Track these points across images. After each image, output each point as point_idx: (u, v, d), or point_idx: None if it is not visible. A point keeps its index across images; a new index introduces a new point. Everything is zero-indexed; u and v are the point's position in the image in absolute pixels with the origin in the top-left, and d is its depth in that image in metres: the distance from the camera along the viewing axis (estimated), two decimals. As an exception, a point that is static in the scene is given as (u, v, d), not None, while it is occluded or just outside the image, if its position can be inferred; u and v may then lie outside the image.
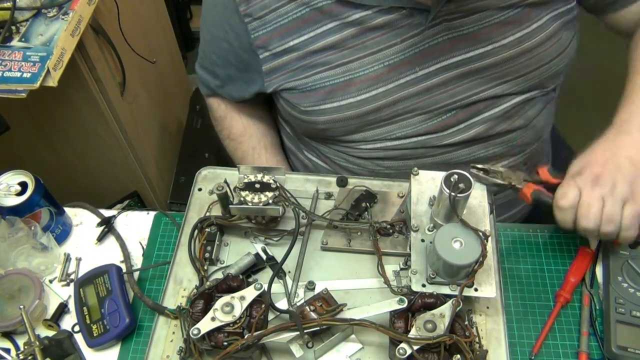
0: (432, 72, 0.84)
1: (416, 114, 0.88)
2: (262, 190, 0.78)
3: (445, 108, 0.87)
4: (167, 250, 0.89)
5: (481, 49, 0.83)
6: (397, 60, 0.84)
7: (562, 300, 0.81)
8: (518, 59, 0.84)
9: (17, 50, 0.99)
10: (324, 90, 0.86)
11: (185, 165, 1.70)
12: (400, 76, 0.84)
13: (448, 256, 0.68)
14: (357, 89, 0.85)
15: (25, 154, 1.40)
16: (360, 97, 0.86)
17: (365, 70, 0.84)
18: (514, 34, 0.83)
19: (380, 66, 0.84)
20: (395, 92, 0.85)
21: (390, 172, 0.95)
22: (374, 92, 0.85)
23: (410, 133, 0.90)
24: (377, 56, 0.83)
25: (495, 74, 0.85)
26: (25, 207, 0.83)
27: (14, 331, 0.81)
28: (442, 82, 0.85)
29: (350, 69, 0.85)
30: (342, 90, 0.86)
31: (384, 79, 0.84)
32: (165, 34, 1.73)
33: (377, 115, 0.87)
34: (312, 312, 0.72)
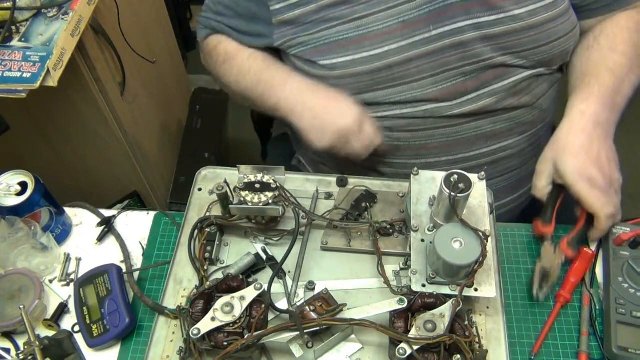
0: (445, 33, 0.84)
1: (427, 75, 0.87)
2: (262, 190, 0.78)
3: (455, 71, 0.87)
4: (167, 250, 0.89)
5: (493, 16, 0.84)
6: (412, 17, 0.84)
7: (562, 301, 0.81)
8: (528, 31, 0.85)
9: (17, 50, 0.99)
10: (337, 44, 0.86)
11: (185, 165, 1.70)
12: (414, 34, 0.84)
13: (448, 256, 0.68)
14: (370, 44, 0.85)
15: (25, 154, 1.40)
16: (373, 51, 0.85)
17: (380, 25, 0.84)
18: (527, 6, 0.84)
19: (394, 22, 0.84)
20: (408, 49, 0.85)
21: (400, 144, 0.94)
22: (387, 48, 0.85)
23: (420, 96, 0.89)
24: (392, 12, 0.83)
25: (506, 43, 0.86)
26: (25, 207, 0.83)
27: (14, 331, 0.81)
28: (454, 44, 0.85)
29: (364, 24, 0.84)
30: (356, 44, 0.85)
31: (397, 35, 0.84)
32: (165, 34, 1.74)
33: (388, 73, 0.86)
34: (312, 312, 0.72)
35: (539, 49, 0.87)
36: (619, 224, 0.86)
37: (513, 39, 0.85)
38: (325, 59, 0.87)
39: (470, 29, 0.84)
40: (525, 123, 0.95)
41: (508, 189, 1.01)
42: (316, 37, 0.87)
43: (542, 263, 0.82)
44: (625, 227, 0.86)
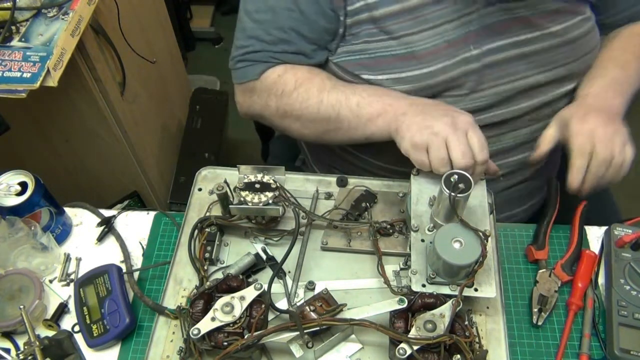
0: (485, 52, 0.85)
1: (463, 93, 0.87)
2: (262, 190, 0.78)
3: (490, 90, 0.88)
4: (167, 250, 0.89)
5: (530, 34, 0.85)
6: (455, 36, 0.84)
7: (574, 308, 0.81)
8: (562, 47, 0.87)
9: (17, 50, 0.99)
10: (384, 59, 0.85)
11: (185, 165, 1.70)
12: (457, 53, 0.84)
13: (448, 256, 0.68)
14: (418, 62, 0.84)
15: (25, 154, 1.40)
16: (419, 70, 0.84)
17: (426, 43, 0.84)
18: (562, 23, 0.85)
19: (440, 41, 0.84)
20: (451, 69, 0.85)
21: None
22: (433, 68, 0.84)
23: None
24: (437, 30, 0.83)
25: (540, 60, 0.87)
26: (25, 207, 0.83)
27: (14, 331, 0.81)
28: (491, 63, 0.86)
29: (411, 41, 0.84)
30: (403, 62, 0.84)
31: (443, 54, 0.84)
32: (165, 34, 1.73)
33: (430, 91, 0.86)
34: (312, 312, 0.72)
35: (570, 64, 0.89)
36: (620, 225, 0.86)
37: (548, 55, 0.87)
38: (370, 74, 0.85)
39: (508, 47, 0.85)
40: None
41: (519, 200, 1.02)
42: (362, 48, 0.85)
43: (538, 288, 0.82)
44: (626, 229, 0.86)
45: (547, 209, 0.90)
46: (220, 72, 2.29)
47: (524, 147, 0.94)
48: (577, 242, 0.86)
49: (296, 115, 0.89)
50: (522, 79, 0.88)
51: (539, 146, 0.86)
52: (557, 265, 0.84)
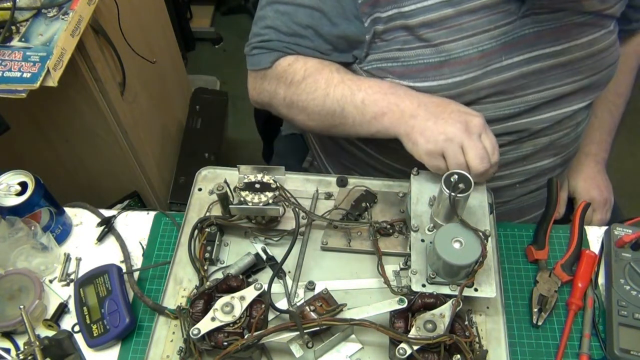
0: (515, 64, 0.85)
1: (490, 101, 0.87)
2: (262, 190, 0.78)
3: (516, 100, 0.88)
4: (167, 250, 0.89)
5: (559, 46, 0.85)
6: (489, 46, 0.84)
7: (574, 308, 0.81)
8: (587, 59, 0.88)
9: (17, 50, 0.99)
10: (417, 68, 0.84)
11: (185, 165, 1.70)
12: (488, 63, 0.84)
13: (448, 256, 0.68)
14: (450, 71, 0.84)
15: (25, 154, 1.40)
16: (451, 79, 0.84)
17: (460, 52, 0.83)
18: (588, 35, 0.86)
19: (473, 50, 0.83)
20: (481, 78, 0.85)
21: None
22: (465, 77, 0.84)
23: None
24: (472, 40, 0.83)
25: (566, 71, 0.87)
26: (25, 207, 0.83)
27: (14, 331, 0.81)
28: (521, 74, 0.86)
29: (445, 50, 0.83)
30: (436, 71, 0.84)
31: (475, 64, 0.84)
32: (165, 34, 1.74)
33: (460, 100, 0.85)
34: (312, 312, 0.72)
35: (593, 76, 0.90)
36: (620, 225, 0.86)
37: (574, 66, 0.87)
38: (400, 81, 0.85)
39: (538, 59, 0.85)
40: (562, 145, 0.96)
41: (534, 206, 1.02)
42: (396, 55, 0.84)
43: (538, 288, 0.82)
44: (626, 229, 0.86)
45: (547, 209, 0.90)
46: (220, 72, 2.29)
47: (541, 154, 0.94)
48: (577, 242, 0.86)
49: (302, 106, 0.88)
50: (548, 90, 0.88)
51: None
52: (557, 265, 0.84)
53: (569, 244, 0.87)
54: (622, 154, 2.02)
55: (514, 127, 0.90)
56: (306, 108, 0.88)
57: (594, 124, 1.08)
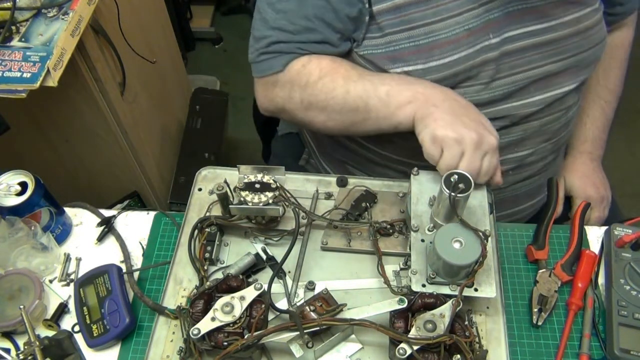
0: (502, 41, 0.85)
1: (480, 82, 0.87)
2: (262, 190, 0.78)
3: (505, 80, 0.88)
4: (167, 250, 0.89)
5: (545, 23, 0.86)
6: (475, 25, 0.84)
7: (574, 308, 0.81)
8: (573, 37, 0.88)
9: (17, 50, 0.99)
10: (408, 50, 0.85)
11: (185, 165, 1.70)
12: (477, 42, 0.85)
13: (448, 256, 0.68)
14: (440, 52, 0.84)
15: (25, 154, 1.40)
16: (442, 60, 0.84)
17: (448, 32, 0.84)
18: (574, 13, 0.87)
19: (460, 29, 0.84)
20: (472, 57, 0.85)
21: None
22: (456, 56, 0.84)
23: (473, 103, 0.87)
24: (458, 19, 0.84)
25: (553, 50, 0.88)
26: (25, 207, 0.83)
27: (14, 331, 0.81)
28: (508, 52, 0.86)
29: (433, 30, 0.84)
30: (427, 53, 0.84)
31: (464, 43, 0.84)
32: (165, 34, 1.74)
33: (451, 81, 0.86)
34: (312, 312, 0.72)
35: (580, 54, 0.90)
36: (620, 225, 0.86)
37: (560, 45, 0.88)
38: (396, 67, 0.85)
39: (524, 36, 0.86)
40: (553, 131, 0.96)
41: (528, 195, 1.02)
42: (388, 40, 0.85)
43: (538, 288, 0.82)
44: (626, 229, 0.86)
45: (547, 209, 0.90)
46: (220, 72, 2.30)
47: (532, 140, 0.95)
48: (577, 242, 0.86)
49: (322, 106, 0.86)
50: (536, 68, 0.88)
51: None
52: (557, 265, 0.84)
53: (569, 244, 0.87)
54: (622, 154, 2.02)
55: (505, 110, 0.90)
56: (326, 108, 0.86)
57: (586, 122, 1.10)
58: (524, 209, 1.04)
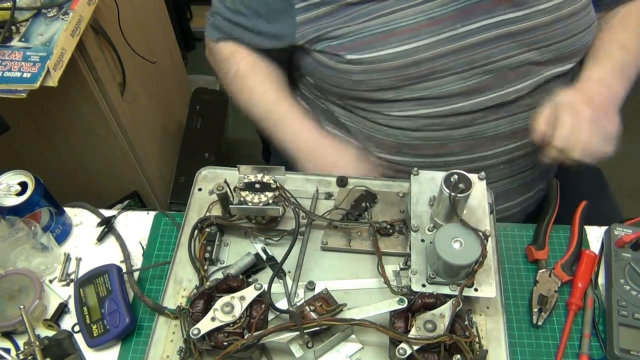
0: (472, 31, 0.85)
1: (452, 72, 0.87)
2: (262, 190, 0.78)
3: (480, 69, 0.87)
4: (167, 250, 0.89)
5: (520, 11, 0.84)
6: (440, 13, 0.84)
7: (574, 308, 0.81)
8: (554, 25, 0.86)
9: (17, 50, 0.99)
10: (364, 40, 0.85)
11: (185, 165, 1.70)
12: (441, 30, 0.84)
13: (448, 256, 0.68)
14: (397, 40, 0.84)
15: (25, 154, 1.40)
16: (400, 48, 0.85)
17: (408, 21, 0.84)
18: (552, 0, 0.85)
19: (422, 18, 0.84)
20: (435, 46, 0.85)
21: (419, 143, 0.94)
22: (415, 45, 0.84)
23: (445, 93, 0.89)
24: (421, 8, 0.83)
25: (532, 38, 0.86)
26: (25, 207, 0.83)
27: (14, 331, 0.81)
28: (480, 41, 0.85)
29: (392, 20, 0.84)
30: (383, 41, 0.85)
31: (425, 31, 0.84)
32: (165, 34, 1.74)
33: (415, 70, 0.86)
34: (312, 312, 0.72)
35: (562, 42, 0.87)
36: (620, 225, 0.86)
37: (539, 33, 0.86)
38: (352, 54, 0.86)
39: (497, 26, 0.85)
40: None
41: (520, 189, 1.02)
42: (341, 32, 0.86)
43: (538, 288, 0.82)
44: (626, 229, 0.86)
45: (547, 209, 0.90)
46: (220, 72, 2.29)
47: (522, 134, 0.94)
48: (577, 242, 0.86)
49: (235, 97, 1.02)
50: (513, 57, 0.87)
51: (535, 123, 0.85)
52: (557, 265, 0.84)
53: (569, 244, 0.87)
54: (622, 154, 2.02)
55: (486, 102, 0.89)
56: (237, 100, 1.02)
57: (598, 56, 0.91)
58: (518, 204, 1.03)
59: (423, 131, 0.93)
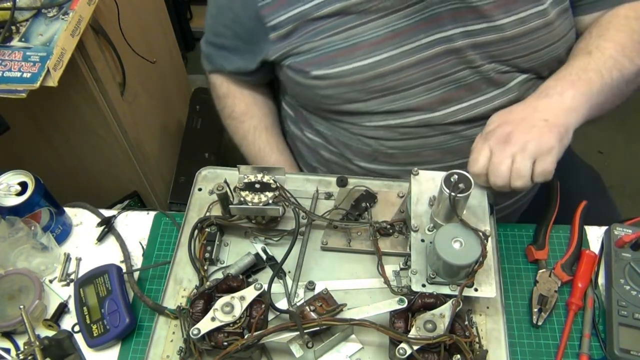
0: (436, 41, 0.84)
1: (419, 83, 0.87)
2: (262, 190, 0.78)
3: (447, 79, 0.87)
4: (167, 250, 0.89)
5: (484, 24, 0.83)
6: (402, 25, 0.84)
7: (574, 308, 0.81)
8: (518, 39, 0.85)
9: (17, 50, 0.99)
10: (328, 55, 0.86)
11: (185, 165, 1.70)
12: (404, 42, 0.84)
13: (448, 256, 0.68)
14: (362, 53, 0.85)
15: (25, 154, 1.40)
16: (364, 61, 0.85)
17: (370, 34, 0.84)
18: (517, 14, 0.83)
19: (385, 31, 0.84)
20: (399, 58, 0.85)
21: (394, 152, 0.95)
22: (378, 57, 0.85)
23: (413, 105, 0.89)
24: (383, 21, 0.83)
25: (495, 51, 0.85)
26: (25, 207, 0.83)
27: (14, 331, 0.81)
28: (445, 51, 0.85)
29: (354, 34, 0.84)
30: (347, 55, 0.85)
31: (388, 44, 0.84)
32: (165, 34, 1.74)
33: (381, 82, 0.86)
34: (312, 312, 0.72)
35: (529, 56, 0.86)
36: (620, 225, 0.86)
37: (503, 47, 0.85)
38: (318, 70, 0.87)
39: (460, 36, 0.84)
40: None
41: (507, 194, 1.01)
42: (308, 47, 0.87)
43: (538, 288, 0.82)
44: (626, 229, 0.86)
45: (547, 209, 0.90)
46: (220, 72, 2.29)
47: None
48: (577, 242, 0.86)
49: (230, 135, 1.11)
50: (480, 67, 0.86)
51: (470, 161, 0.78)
52: (557, 265, 0.84)
53: (569, 244, 0.87)
54: (622, 154, 2.02)
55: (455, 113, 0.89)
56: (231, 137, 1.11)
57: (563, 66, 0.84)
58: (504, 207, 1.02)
59: (397, 140, 0.93)
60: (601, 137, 2.03)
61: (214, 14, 0.97)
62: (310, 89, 0.91)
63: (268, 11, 0.87)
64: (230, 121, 1.08)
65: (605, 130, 2.04)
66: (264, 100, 1.09)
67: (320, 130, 1.00)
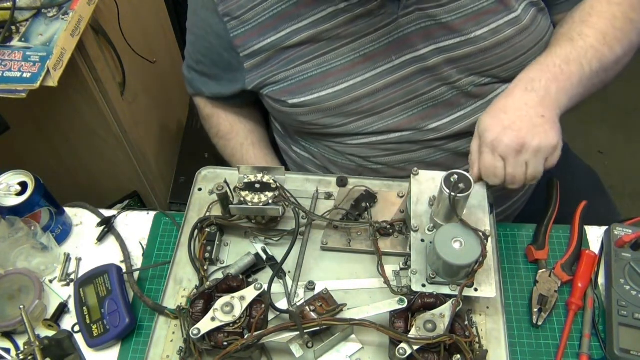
0: (408, 61, 0.84)
1: (396, 104, 0.88)
2: (262, 190, 0.78)
3: (424, 97, 0.87)
4: (167, 250, 0.89)
5: (456, 38, 0.82)
6: (372, 49, 0.84)
7: (574, 308, 0.81)
8: (494, 49, 0.84)
9: (17, 50, 0.99)
10: (302, 83, 0.87)
11: (185, 165, 1.70)
12: (376, 65, 0.85)
13: (448, 256, 0.68)
14: (335, 79, 0.86)
15: (25, 154, 1.40)
16: (338, 87, 0.86)
17: (341, 60, 0.85)
18: (490, 24, 0.82)
19: (355, 55, 0.84)
20: (372, 81, 0.85)
21: (378, 167, 0.95)
22: (352, 82, 0.86)
23: (392, 125, 0.89)
24: (352, 46, 0.84)
25: (472, 64, 0.85)
26: (25, 207, 0.83)
27: (14, 331, 0.81)
28: (419, 70, 0.85)
29: (325, 61, 0.85)
30: (321, 82, 0.86)
31: (360, 68, 0.85)
32: (165, 34, 1.74)
33: (357, 106, 0.87)
34: (312, 312, 0.72)
35: (507, 65, 0.86)
36: (620, 225, 0.86)
37: (479, 59, 0.84)
38: (293, 98, 0.88)
39: (433, 54, 0.84)
40: None
41: (497, 200, 1.01)
42: (282, 77, 0.88)
43: (538, 288, 0.82)
44: (626, 229, 0.86)
45: (547, 209, 0.90)
46: (220, 72, 2.29)
47: None
48: (577, 242, 0.86)
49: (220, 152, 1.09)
50: (456, 82, 0.86)
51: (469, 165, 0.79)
52: (557, 265, 0.84)
53: (569, 244, 0.87)
54: (622, 154, 2.02)
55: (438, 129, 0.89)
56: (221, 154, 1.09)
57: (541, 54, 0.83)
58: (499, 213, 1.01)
59: (381, 157, 0.94)
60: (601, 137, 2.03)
61: (192, 42, 0.98)
62: (290, 116, 0.92)
63: (241, 41, 0.87)
64: (217, 140, 1.09)
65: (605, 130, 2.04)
66: (248, 117, 1.09)
67: (307, 147, 1.01)
